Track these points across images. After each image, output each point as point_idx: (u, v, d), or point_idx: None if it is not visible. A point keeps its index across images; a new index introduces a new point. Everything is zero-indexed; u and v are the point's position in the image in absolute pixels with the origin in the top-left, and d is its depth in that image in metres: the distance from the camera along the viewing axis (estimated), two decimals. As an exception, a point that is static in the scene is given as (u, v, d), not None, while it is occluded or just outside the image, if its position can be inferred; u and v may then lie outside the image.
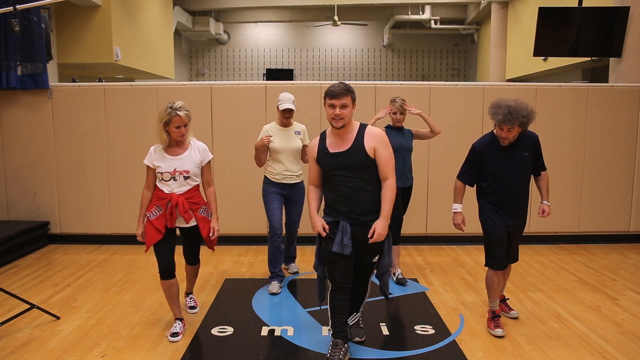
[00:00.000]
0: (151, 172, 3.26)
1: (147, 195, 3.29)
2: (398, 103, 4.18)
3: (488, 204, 3.34)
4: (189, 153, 3.25)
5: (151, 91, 5.43)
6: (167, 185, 3.21)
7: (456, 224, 3.43)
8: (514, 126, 3.12)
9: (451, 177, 5.60)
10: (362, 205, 2.86)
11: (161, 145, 3.23)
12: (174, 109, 3.12)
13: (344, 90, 2.80)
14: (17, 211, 5.59)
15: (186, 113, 3.15)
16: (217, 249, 5.38)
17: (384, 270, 3.05)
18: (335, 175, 2.88)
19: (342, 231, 2.85)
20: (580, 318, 3.61)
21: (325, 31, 17.48)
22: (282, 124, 4.14)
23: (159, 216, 3.21)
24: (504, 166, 3.25)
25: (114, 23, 9.44)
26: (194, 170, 3.25)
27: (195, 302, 3.80)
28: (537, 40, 6.72)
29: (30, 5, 3.91)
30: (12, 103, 5.50)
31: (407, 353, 3.08)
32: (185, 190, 3.23)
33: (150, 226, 3.22)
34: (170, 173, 3.19)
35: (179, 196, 3.20)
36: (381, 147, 2.86)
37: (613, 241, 5.71)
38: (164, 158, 3.21)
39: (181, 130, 3.16)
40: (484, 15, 14.80)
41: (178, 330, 3.31)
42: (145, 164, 3.26)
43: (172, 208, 3.19)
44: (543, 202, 3.43)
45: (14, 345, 3.15)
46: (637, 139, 5.60)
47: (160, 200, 3.22)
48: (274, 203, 4.13)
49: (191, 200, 3.26)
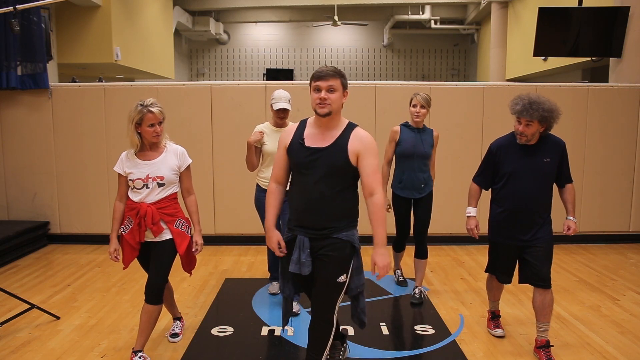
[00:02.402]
0: (123, 180, 2.91)
1: (119, 208, 2.93)
2: (421, 95, 3.75)
3: (499, 208, 3.03)
4: (164, 157, 2.88)
5: (151, 91, 5.43)
6: (139, 194, 2.84)
7: (469, 228, 3.16)
8: (533, 120, 2.82)
9: (451, 177, 5.65)
10: (328, 217, 2.40)
11: (133, 150, 2.88)
12: (145, 106, 2.80)
13: (331, 71, 2.36)
14: (17, 211, 5.59)
15: (159, 109, 2.83)
16: (217, 249, 5.42)
17: (356, 292, 2.54)
18: (304, 174, 2.42)
19: (299, 247, 2.41)
20: (580, 318, 3.61)
21: (325, 31, 17.48)
22: (277, 124, 3.78)
23: (131, 230, 2.84)
24: (520, 168, 2.94)
25: (114, 23, 9.44)
26: (170, 176, 2.87)
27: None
28: (537, 40, 6.72)
29: (30, 5, 3.91)
30: (12, 103, 5.50)
31: (407, 353, 3.08)
32: (158, 199, 2.84)
33: (124, 242, 2.88)
34: (143, 180, 2.82)
35: (148, 205, 2.81)
36: (367, 154, 2.36)
37: (613, 241, 5.71)
38: (136, 164, 2.85)
39: (155, 129, 2.81)
40: (484, 15, 14.80)
41: (177, 331, 3.31)
42: (116, 172, 2.91)
43: (140, 218, 2.79)
44: (568, 217, 3.04)
45: (14, 345, 3.15)
46: (637, 139, 5.61)
47: (131, 210, 2.84)
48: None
49: (164, 211, 2.85)
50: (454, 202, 5.33)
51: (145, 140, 2.86)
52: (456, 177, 5.39)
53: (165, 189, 2.87)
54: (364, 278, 2.57)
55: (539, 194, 2.96)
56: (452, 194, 5.41)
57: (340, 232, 2.41)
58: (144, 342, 2.89)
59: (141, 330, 2.87)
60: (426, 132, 3.84)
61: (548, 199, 3.00)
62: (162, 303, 2.91)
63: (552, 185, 3.01)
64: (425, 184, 3.82)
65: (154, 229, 2.81)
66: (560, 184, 3.05)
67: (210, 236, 5.26)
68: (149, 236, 2.86)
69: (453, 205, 5.38)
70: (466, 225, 3.18)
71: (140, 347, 2.87)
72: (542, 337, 3.00)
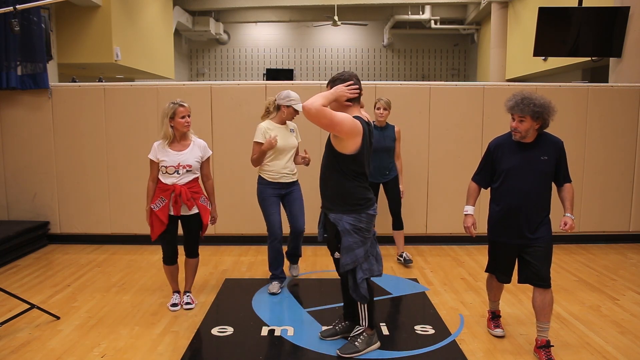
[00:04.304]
0: (155, 165, 3.58)
1: (152, 187, 3.61)
2: (384, 100, 4.62)
3: (497, 207, 3.06)
4: (191, 149, 3.59)
5: (151, 91, 5.43)
6: (170, 177, 3.54)
7: (466, 227, 3.17)
8: (525, 116, 2.87)
9: (451, 177, 5.65)
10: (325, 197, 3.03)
11: (165, 141, 3.55)
12: (176, 102, 3.52)
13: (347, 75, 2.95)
14: (17, 211, 5.59)
15: (188, 105, 3.56)
16: (217, 249, 5.44)
17: (343, 269, 2.94)
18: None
19: (321, 219, 3.10)
20: (580, 318, 3.61)
21: (325, 31, 17.49)
22: (282, 121, 4.05)
23: (162, 207, 3.53)
24: (517, 166, 2.96)
25: (114, 23, 9.45)
26: (195, 164, 3.59)
27: (191, 298, 3.84)
28: (537, 40, 6.72)
29: (30, 5, 3.91)
30: (12, 103, 5.50)
31: (407, 353, 3.08)
32: (187, 181, 3.56)
33: (155, 217, 3.54)
34: (175, 167, 3.53)
35: (181, 186, 3.52)
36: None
37: (613, 241, 5.71)
38: (167, 153, 3.54)
39: (186, 119, 3.52)
40: (484, 15, 14.80)
41: (177, 302, 3.76)
42: (150, 158, 3.58)
43: (176, 197, 3.51)
44: (566, 214, 3.02)
45: (14, 345, 3.15)
46: (637, 139, 5.61)
47: (164, 191, 3.54)
48: (272, 207, 4.01)
49: (192, 189, 3.59)
50: (454, 202, 5.33)
51: (176, 131, 3.55)
52: (456, 177, 5.39)
53: (192, 174, 3.59)
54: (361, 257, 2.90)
55: (536, 192, 2.96)
56: (452, 194, 5.41)
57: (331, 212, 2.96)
58: (191, 284, 3.87)
59: (187, 277, 3.83)
60: (388, 129, 4.71)
61: (546, 198, 3.00)
62: (197, 257, 3.80)
63: (550, 185, 3.01)
64: (389, 171, 4.72)
65: (188, 203, 3.56)
66: (558, 183, 3.05)
67: (210, 236, 5.26)
68: (184, 210, 3.58)
69: (453, 206, 5.38)
70: (463, 223, 3.19)
71: (189, 288, 3.86)
72: (542, 337, 3.00)
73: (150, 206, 3.56)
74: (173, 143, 3.56)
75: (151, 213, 3.56)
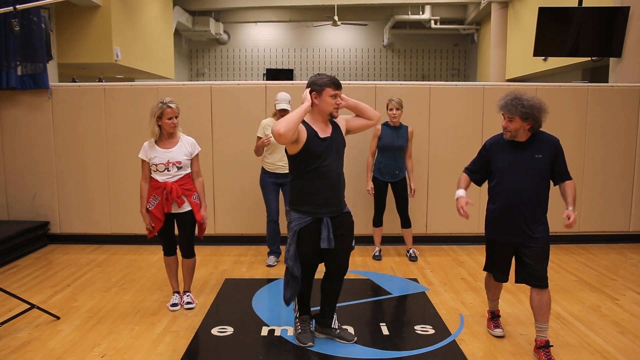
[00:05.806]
0: (146, 165, 3.61)
1: (145, 187, 3.63)
2: (395, 100, 4.75)
3: (493, 205, 3.09)
4: (180, 146, 3.62)
5: (151, 91, 5.43)
6: (162, 175, 3.57)
7: (459, 207, 3.11)
8: (514, 116, 2.90)
9: (451, 177, 5.63)
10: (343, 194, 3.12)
11: (153, 140, 3.59)
12: (164, 102, 3.51)
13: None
14: (17, 211, 5.59)
15: (176, 106, 3.57)
16: (217, 249, 5.43)
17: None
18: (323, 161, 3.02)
19: (326, 227, 2.99)
20: (580, 318, 3.61)
21: (325, 31, 17.49)
22: (278, 119, 4.27)
23: (157, 205, 3.57)
24: (511, 164, 2.98)
25: (114, 23, 9.45)
26: (185, 161, 3.61)
27: (192, 298, 3.84)
28: (537, 40, 6.72)
29: (30, 5, 3.91)
30: (12, 103, 5.50)
31: (407, 353, 3.08)
32: (178, 178, 3.59)
33: (151, 215, 3.59)
34: (164, 164, 3.56)
35: (172, 183, 3.55)
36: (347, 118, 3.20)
37: (613, 241, 5.71)
38: (156, 151, 3.58)
39: (173, 121, 3.53)
40: (484, 15, 14.80)
41: (177, 302, 3.77)
42: (141, 158, 3.61)
43: (167, 194, 3.53)
44: (568, 207, 2.94)
45: (14, 345, 3.15)
46: (637, 139, 5.61)
47: (156, 189, 3.57)
48: (271, 193, 4.70)
49: (184, 187, 3.61)
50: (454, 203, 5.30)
51: (164, 130, 3.57)
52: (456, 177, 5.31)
53: (183, 170, 3.61)
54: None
55: (531, 190, 2.95)
56: (452, 194, 5.35)
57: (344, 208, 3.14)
58: (190, 284, 3.86)
59: (185, 278, 3.83)
60: (402, 129, 4.86)
61: (542, 197, 2.99)
62: (194, 256, 3.79)
63: (546, 184, 3.00)
64: (399, 171, 4.85)
65: (178, 201, 3.57)
66: (558, 181, 3.02)
67: (210, 236, 5.25)
68: (174, 208, 3.59)
69: (453, 206, 5.30)
70: (456, 206, 3.14)
71: (188, 288, 3.86)
72: (542, 337, 3.00)
73: (147, 206, 3.59)
74: (162, 141, 3.60)
75: (148, 212, 3.60)
